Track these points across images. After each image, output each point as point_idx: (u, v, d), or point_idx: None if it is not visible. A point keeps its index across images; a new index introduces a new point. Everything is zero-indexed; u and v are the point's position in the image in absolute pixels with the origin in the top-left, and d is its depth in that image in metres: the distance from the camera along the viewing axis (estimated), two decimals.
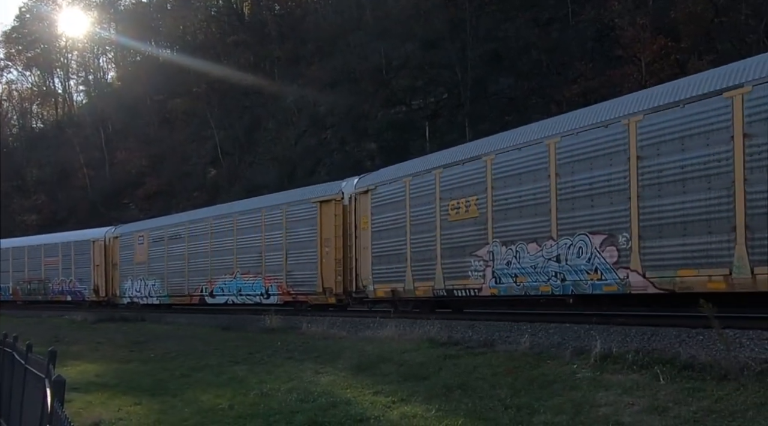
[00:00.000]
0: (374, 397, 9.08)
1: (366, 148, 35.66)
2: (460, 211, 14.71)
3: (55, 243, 34.37)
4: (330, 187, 20.04)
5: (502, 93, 31.43)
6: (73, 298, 32.62)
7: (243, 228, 22.66)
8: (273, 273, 21.24)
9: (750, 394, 7.13)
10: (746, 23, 22.77)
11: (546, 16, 32.48)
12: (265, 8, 54.10)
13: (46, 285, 34.25)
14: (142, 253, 28.07)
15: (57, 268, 33.51)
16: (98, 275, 31.11)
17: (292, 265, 20.55)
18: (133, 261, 28.59)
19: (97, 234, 32.06)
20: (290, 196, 21.58)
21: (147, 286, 27.65)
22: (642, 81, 23.43)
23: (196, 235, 25.05)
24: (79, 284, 32.22)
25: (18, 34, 77.14)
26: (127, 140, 55.96)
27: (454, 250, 14.90)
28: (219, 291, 23.60)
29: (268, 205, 21.90)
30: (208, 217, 24.81)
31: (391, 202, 16.83)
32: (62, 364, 12.54)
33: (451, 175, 15.04)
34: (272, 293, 21.30)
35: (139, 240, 28.35)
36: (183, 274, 25.51)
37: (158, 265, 27.07)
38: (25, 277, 35.94)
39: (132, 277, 28.69)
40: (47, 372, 5.28)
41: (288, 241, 20.72)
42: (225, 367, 12.73)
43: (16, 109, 77.71)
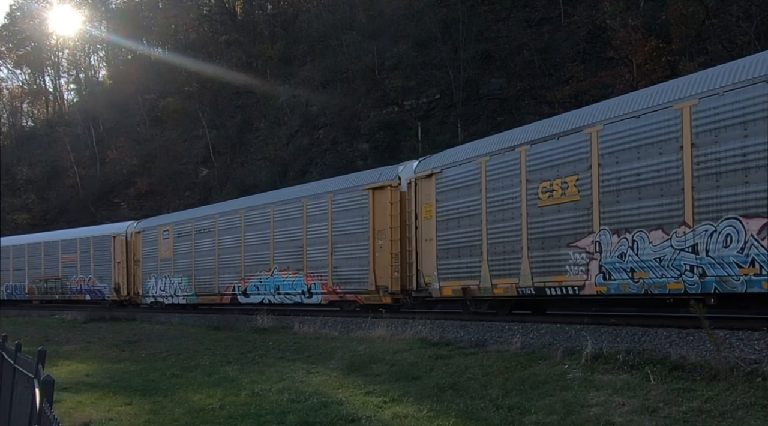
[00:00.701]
0: (366, 397, 9.08)
1: (358, 148, 35.65)
2: (554, 194, 12.48)
3: (72, 238, 32.34)
4: (385, 172, 17.86)
5: (494, 93, 31.49)
6: (92, 297, 30.84)
7: (281, 219, 20.58)
8: (316, 269, 19.22)
9: (740, 394, 7.17)
10: (737, 25, 22.90)
11: (538, 16, 32.57)
12: (258, 8, 54.01)
13: (64, 283, 32.36)
14: (167, 249, 26.11)
15: (75, 266, 31.60)
16: (119, 273, 29.21)
17: (339, 261, 18.49)
18: (158, 257, 26.70)
19: (118, 229, 30.14)
20: (337, 184, 19.40)
21: (172, 284, 25.77)
22: (633, 82, 23.53)
23: (227, 229, 22.97)
24: (98, 283, 30.37)
25: (8, 31, 76.78)
26: (118, 139, 55.71)
27: (546, 241, 12.67)
28: (253, 289, 21.61)
29: (311, 194, 19.81)
30: (241, 209, 22.65)
31: (463, 187, 14.63)
32: (52, 363, 12.50)
33: (542, 153, 12.75)
34: (315, 292, 19.22)
35: (164, 234, 26.30)
36: (212, 272, 23.53)
37: (185, 262, 25.12)
38: (41, 275, 34.04)
39: (156, 274, 26.80)
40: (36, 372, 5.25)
41: (334, 233, 18.64)
42: (216, 366, 12.70)
43: (7, 108, 77.29)
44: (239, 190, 36.90)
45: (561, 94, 27.14)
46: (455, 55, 32.24)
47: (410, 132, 33.03)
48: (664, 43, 24.17)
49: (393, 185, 17.13)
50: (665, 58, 23.86)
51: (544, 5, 32.79)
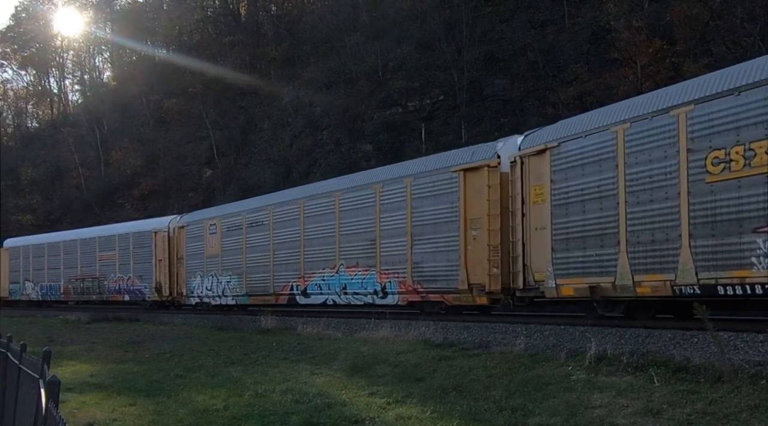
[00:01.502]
0: (369, 399, 9.09)
1: (361, 150, 35.67)
2: (733, 166, 9.86)
3: (111, 235, 30.44)
4: (479, 151, 15.31)
5: (498, 95, 31.47)
6: (131, 297, 29.00)
7: (349, 209, 18.16)
8: (392, 266, 16.75)
9: (744, 396, 7.16)
10: (741, 26, 22.85)
11: (542, 18, 32.54)
12: (262, 9, 54.11)
13: (101, 283, 30.48)
14: (214, 245, 23.95)
15: (113, 264, 29.71)
16: (161, 271, 27.20)
17: (421, 255, 15.99)
18: (204, 254, 24.56)
19: (159, 224, 28.03)
20: (418, 166, 16.87)
21: (220, 283, 23.61)
22: (637, 84, 23.50)
23: (283, 221, 20.69)
24: (138, 282, 28.38)
25: (13, 33, 76.98)
26: (122, 140, 55.85)
27: (718, 226, 10.09)
28: (315, 289, 19.31)
29: (385, 179, 17.26)
30: (301, 198, 20.25)
31: (590, 162, 12.09)
32: (57, 364, 12.52)
33: (713, 114, 10.19)
34: (391, 291, 16.81)
35: (211, 229, 24.17)
36: (267, 269, 21.29)
37: (234, 259, 22.95)
38: (77, 274, 32.13)
39: (202, 273, 24.63)
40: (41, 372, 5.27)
41: (415, 223, 16.14)
42: (220, 367, 12.71)
43: (12, 109, 77.49)
44: (243, 191, 36.94)
45: (565, 95, 27.12)
46: (459, 56, 32.24)
47: (414, 133, 33.04)
48: (668, 44, 24.13)
49: (491, 165, 14.54)
50: (669, 60, 23.82)
51: (548, 6, 32.76)
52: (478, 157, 15.03)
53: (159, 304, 27.53)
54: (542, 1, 33.15)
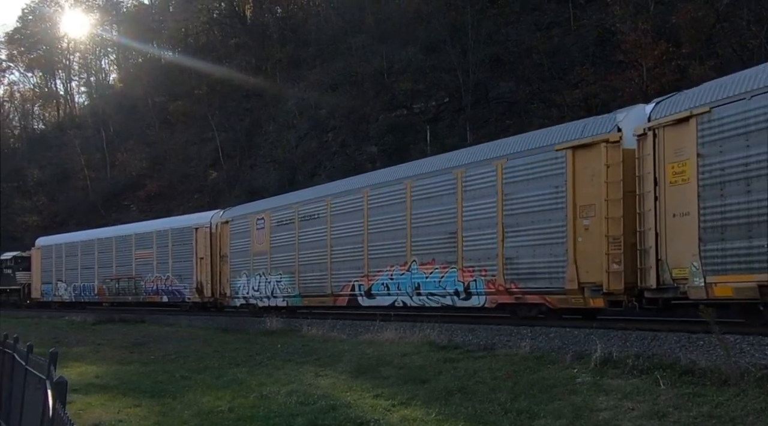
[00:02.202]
0: (374, 400, 9.09)
1: (367, 151, 35.70)
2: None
3: (148, 232, 28.67)
4: (592, 124, 12.95)
5: (503, 97, 31.45)
6: (170, 298, 27.17)
7: (423, 198, 15.96)
8: (477, 262, 14.48)
9: (750, 399, 7.13)
10: (748, 29, 22.77)
11: (547, 20, 32.50)
12: (267, 11, 54.21)
13: (138, 283, 28.72)
14: (262, 241, 21.86)
15: (151, 263, 27.96)
16: (202, 270, 25.15)
17: (516, 249, 13.66)
18: (250, 251, 22.46)
19: (201, 219, 26.02)
20: (511, 145, 14.56)
21: (269, 283, 21.46)
22: (643, 86, 23.45)
23: (343, 213, 18.50)
24: (177, 282, 26.50)
25: (20, 35, 77.35)
26: (128, 142, 56.04)
27: None
28: (381, 289, 17.05)
29: (469, 162, 15.06)
30: (364, 187, 17.91)
31: (757, 130, 9.76)
32: (62, 365, 12.54)
33: None
34: (476, 291, 14.56)
35: (258, 224, 22.06)
36: (323, 267, 19.11)
37: (285, 256, 20.71)
38: (112, 274, 30.36)
39: (248, 272, 22.54)
40: (48, 373, 5.29)
41: (507, 212, 13.85)
42: (225, 369, 12.73)
43: (18, 110, 77.88)
44: (248, 193, 36.99)
45: (570, 97, 27.08)
46: (464, 58, 32.23)
47: (419, 135, 33.04)
48: (674, 46, 24.07)
49: (610, 140, 12.15)
50: (675, 62, 23.76)
51: (554, 9, 32.73)
52: (591, 132, 12.67)
53: (200, 306, 25.61)
54: (548, 4, 33.13)
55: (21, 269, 38.32)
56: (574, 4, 31.28)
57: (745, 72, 10.81)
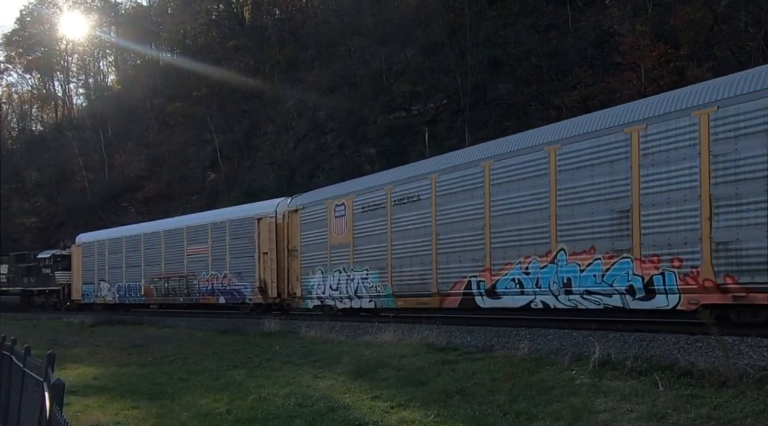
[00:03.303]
0: (373, 402, 9.08)
1: (365, 153, 35.71)
2: None
3: (202, 224, 25.47)
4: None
5: (502, 99, 31.49)
6: (227, 299, 24.08)
7: (574, 167, 12.39)
8: (667, 249, 10.88)
9: (749, 401, 7.13)
10: (746, 31, 22.83)
11: (545, 22, 32.55)
12: (266, 13, 54.24)
13: (190, 283, 25.68)
14: (342, 231, 18.47)
15: (205, 259, 24.94)
16: (266, 267, 22.07)
17: (734, 230, 9.98)
18: (327, 244, 19.10)
19: (264, 208, 22.84)
20: (720, 89, 10.44)
21: (352, 281, 18.10)
22: (642, 88, 23.48)
23: (454, 192, 14.90)
24: (236, 280, 23.43)
25: (18, 36, 77.34)
26: (126, 143, 56.03)
27: None
28: (510, 286, 13.46)
29: (649, 116, 11.27)
30: (485, 159, 14.21)
31: None
32: (60, 367, 12.52)
33: None
34: (663, 288, 10.98)
35: (338, 210, 18.74)
36: (426, 260, 15.62)
37: (374, 248, 17.26)
38: (161, 273, 27.28)
39: (323, 268, 19.17)
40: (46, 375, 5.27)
41: (719, 179, 10.19)
42: (223, 370, 12.71)
43: (16, 112, 77.86)
44: (247, 194, 36.99)
45: (569, 99, 27.11)
46: (463, 60, 32.26)
47: (417, 137, 33.06)
48: (672, 48, 24.12)
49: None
50: (673, 64, 23.80)
51: (552, 11, 32.78)
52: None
53: (263, 309, 22.36)
54: (546, 6, 33.18)
55: (60, 268, 35.27)
56: (573, 6, 31.34)
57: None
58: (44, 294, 36.44)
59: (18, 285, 38.32)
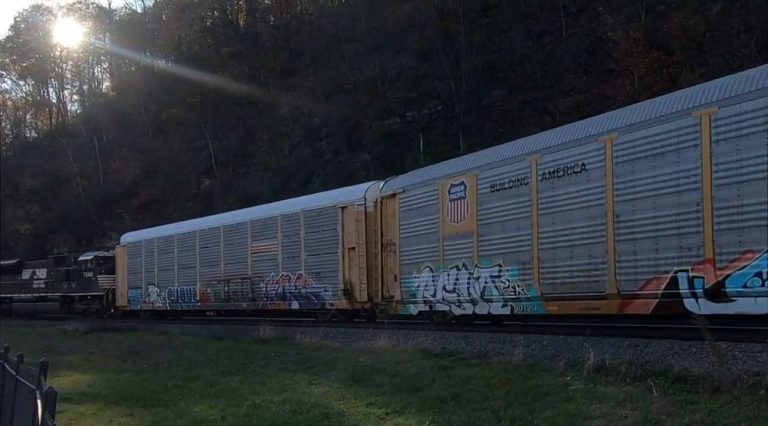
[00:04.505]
0: (368, 409, 9.06)
1: (360, 159, 35.73)
2: None
3: (270, 216, 21.85)
4: None
5: (496, 105, 31.58)
6: (303, 305, 20.48)
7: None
8: None
9: (743, 406, 7.14)
10: (738, 37, 22.96)
11: (539, 28, 32.69)
12: (260, 20, 54.35)
13: (255, 285, 22.10)
14: (461, 217, 14.62)
15: (275, 258, 21.36)
16: (352, 266, 18.47)
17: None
18: (439, 233, 15.17)
19: (350, 195, 19.10)
20: None
21: (476, 279, 14.19)
22: (635, 94, 23.58)
23: (645, 157, 11.08)
24: (314, 282, 19.84)
25: (13, 43, 77.23)
26: (121, 150, 55.93)
27: None
28: (755, 285, 9.49)
29: None
30: (696, 108, 10.35)
31: None
32: (54, 374, 12.47)
33: None
34: None
35: (454, 191, 14.86)
36: (597, 250, 11.73)
37: (509, 237, 13.46)
38: (220, 274, 23.80)
39: (433, 264, 15.37)
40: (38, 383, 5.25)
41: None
42: (218, 377, 12.67)
43: (10, 119, 77.66)
44: (241, 200, 36.94)
45: (562, 105, 27.21)
46: (457, 66, 32.35)
47: (412, 143, 33.11)
48: (665, 55, 24.24)
49: None
50: (666, 70, 23.93)
51: (546, 17, 32.92)
52: None
53: (349, 315, 18.92)
54: (540, 13, 33.33)
55: (103, 272, 31.81)
56: (566, 12, 31.49)
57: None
58: (86, 300, 32.88)
59: (57, 290, 34.58)
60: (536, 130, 18.76)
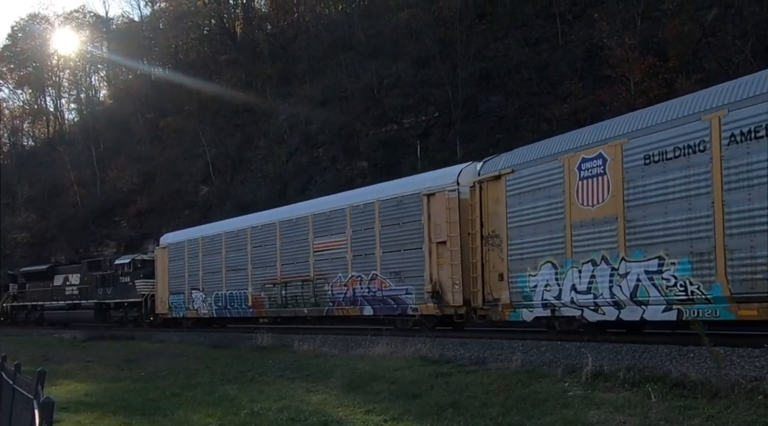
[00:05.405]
0: (366, 416, 9.05)
1: (357, 166, 35.75)
2: None
3: (337, 209, 19.25)
4: None
5: (493, 111, 31.63)
6: (378, 310, 17.80)
7: None
8: None
9: (741, 411, 7.15)
10: (733, 44, 23.05)
11: (535, 35, 32.78)
12: (257, 28, 54.42)
13: (319, 288, 19.47)
14: (596, 198, 11.99)
15: (342, 256, 18.65)
16: (442, 263, 15.81)
17: None
18: (564, 221, 12.56)
19: (439, 179, 16.39)
20: None
21: (624, 276, 11.39)
22: (631, 100, 23.65)
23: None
24: (392, 283, 17.13)
25: (10, 52, 77.26)
26: (118, 158, 55.88)
27: None
28: None
29: None
30: None
31: None
32: (51, 383, 12.44)
33: None
34: None
35: (587, 168, 12.17)
36: None
37: (673, 221, 10.73)
38: (275, 276, 21.12)
39: (556, 259, 12.73)
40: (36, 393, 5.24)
41: None
42: (216, 385, 12.65)
43: (8, 127, 77.59)
44: (239, 208, 36.91)
45: (559, 111, 27.25)
46: (454, 73, 32.43)
47: (409, 150, 33.14)
48: (661, 61, 24.32)
49: None
50: (662, 76, 24.00)
51: (542, 24, 33.03)
52: None
53: (438, 321, 16.38)
54: (536, 19, 33.44)
55: (142, 276, 29.35)
56: (562, 19, 31.59)
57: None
58: (123, 307, 30.41)
59: (92, 297, 32.14)
60: (533, 137, 18.72)
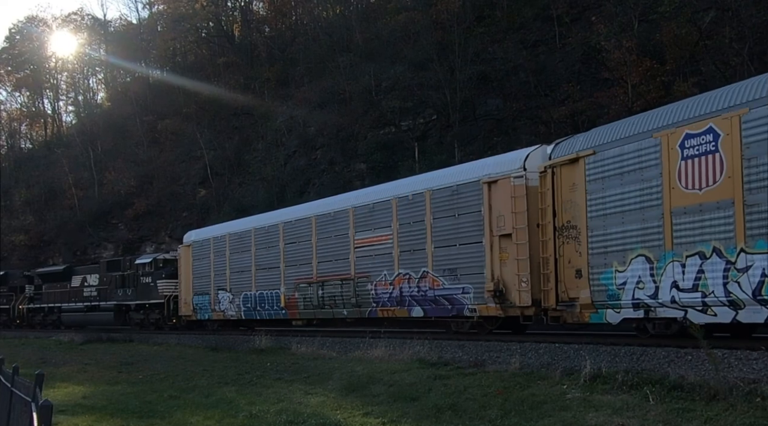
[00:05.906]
0: (364, 419, 9.04)
1: (355, 169, 35.77)
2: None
3: (381, 200, 17.37)
4: None
5: (491, 114, 31.67)
6: (430, 312, 15.79)
7: None
8: None
9: (739, 414, 7.16)
10: (730, 46, 23.11)
11: (533, 38, 32.84)
12: (255, 30, 54.46)
13: (361, 287, 17.60)
14: (704, 181, 10.28)
15: (388, 252, 16.82)
16: (505, 258, 14.04)
17: None
18: (660, 208, 10.86)
19: (501, 165, 14.55)
20: None
21: (743, 272, 9.61)
22: (628, 103, 23.69)
23: None
24: (446, 282, 15.23)
25: (7, 54, 77.23)
26: (116, 160, 55.84)
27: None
28: None
29: None
30: None
31: None
32: (49, 385, 12.42)
33: None
34: None
35: (692, 146, 10.40)
36: None
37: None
38: (311, 275, 19.36)
39: (652, 251, 10.96)
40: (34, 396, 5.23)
41: None
42: (214, 388, 12.63)
43: (5, 130, 77.55)
44: (237, 210, 36.90)
45: (557, 114, 27.29)
46: (451, 76, 32.47)
47: (407, 152, 33.17)
48: (658, 63, 24.38)
49: None
50: (660, 79, 24.06)
51: (540, 27, 33.08)
52: None
53: (499, 323, 14.77)
54: (533, 22, 33.49)
55: (164, 276, 27.78)
56: (560, 22, 31.65)
57: None
58: (144, 309, 28.98)
59: (111, 299, 30.72)
60: (531, 140, 18.67)
